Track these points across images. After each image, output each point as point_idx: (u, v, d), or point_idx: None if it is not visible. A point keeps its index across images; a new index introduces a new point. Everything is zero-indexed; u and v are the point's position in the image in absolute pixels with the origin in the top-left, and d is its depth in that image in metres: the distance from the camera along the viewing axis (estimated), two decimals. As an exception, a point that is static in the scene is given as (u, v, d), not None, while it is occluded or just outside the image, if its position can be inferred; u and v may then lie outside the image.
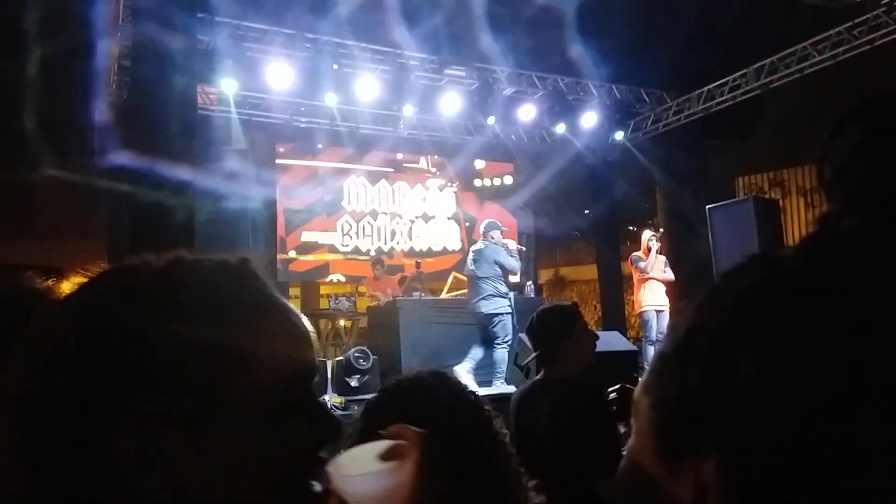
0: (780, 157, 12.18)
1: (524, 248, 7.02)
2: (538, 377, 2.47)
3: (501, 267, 6.49)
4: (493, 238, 6.58)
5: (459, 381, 1.11)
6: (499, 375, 6.29)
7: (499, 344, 6.34)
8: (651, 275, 7.25)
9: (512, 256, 6.57)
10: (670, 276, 7.38)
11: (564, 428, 2.21)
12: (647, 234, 7.61)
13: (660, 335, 7.16)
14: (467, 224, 11.06)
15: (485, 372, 6.36)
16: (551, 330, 2.43)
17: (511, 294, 6.49)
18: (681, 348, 0.43)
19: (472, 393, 1.10)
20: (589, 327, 2.50)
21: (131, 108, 6.24)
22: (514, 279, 6.66)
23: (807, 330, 0.38)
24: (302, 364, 0.57)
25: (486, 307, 6.35)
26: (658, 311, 7.18)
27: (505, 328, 6.35)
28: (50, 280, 0.95)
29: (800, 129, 10.64)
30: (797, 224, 12.36)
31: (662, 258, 7.49)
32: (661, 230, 7.60)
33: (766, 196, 12.29)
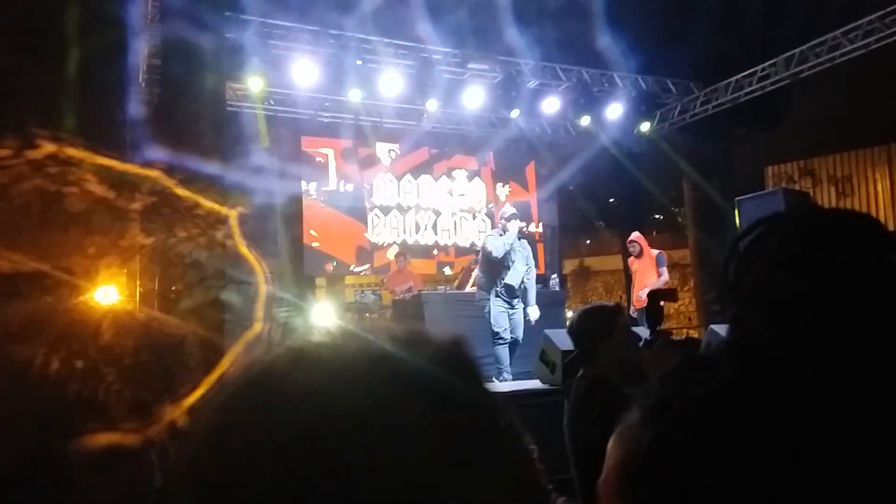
0: (811, 145, 11.97)
1: (521, 225, 6.40)
2: (579, 375, 2.46)
3: (484, 256, 6.32)
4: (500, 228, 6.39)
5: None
6: (498, 371, 6.18)
7: (493, 340, 6.20)
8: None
9: (498, 236, 6.25)
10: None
11: (578, 426, 2.23)
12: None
13: None
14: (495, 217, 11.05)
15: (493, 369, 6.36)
16: (590, 330, 2.39)
17: (496, 287, 6.22)
18: (647, 459, 0.46)
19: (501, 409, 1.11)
20: (630, 328, 2.42)
21: (162, 106, 6.35)
22: (510, 273, 6.25)
23: (759, 438, 0.43)
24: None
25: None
26: None
27: (491, 323, 6.17)
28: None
29: (831, 117, 10.47)
30: (828, 214, 12.13)
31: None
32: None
33: (796, 185, 12.09)
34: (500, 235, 6.24)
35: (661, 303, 2.25)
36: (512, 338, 6.29)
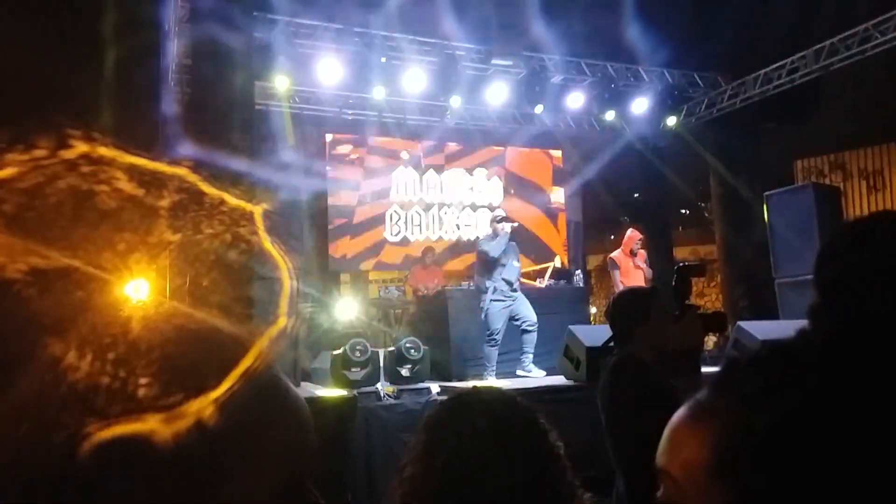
0: (841, 139, 11.73)
1: (512, 225, 6.54)
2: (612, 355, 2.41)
3: (481, 258, 6.50)
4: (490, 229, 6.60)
5: (515, 396, 1.15)
6: (486, 369, 6.32)
7: (486, 339, 6.36)
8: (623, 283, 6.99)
9: (491, 239, 6.43)
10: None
11: (612, 408, 2.22)
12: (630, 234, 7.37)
13: None
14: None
15: (514, 363, 6.50)
16: (626, 313, 2.35)
17: (495, 284, 6.35)
18: (767, 442, 0.46)
19: (528, 408, 1.14)
20: (667, 312, 2.29)
21: (192, 105, 6.45)
22: (505, 268, 6.41)
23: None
24: (298, 462, 0.51)
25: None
26: None
27: (487, 323, 6.33)
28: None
29: (862, 110, 10.24)
30: (859, 209, 11.91)
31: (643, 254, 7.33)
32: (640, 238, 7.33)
33: (826, 179, 11.87)
34: (493, 239, 6.46)
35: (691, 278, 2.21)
36: (527, 324, 6.40)
